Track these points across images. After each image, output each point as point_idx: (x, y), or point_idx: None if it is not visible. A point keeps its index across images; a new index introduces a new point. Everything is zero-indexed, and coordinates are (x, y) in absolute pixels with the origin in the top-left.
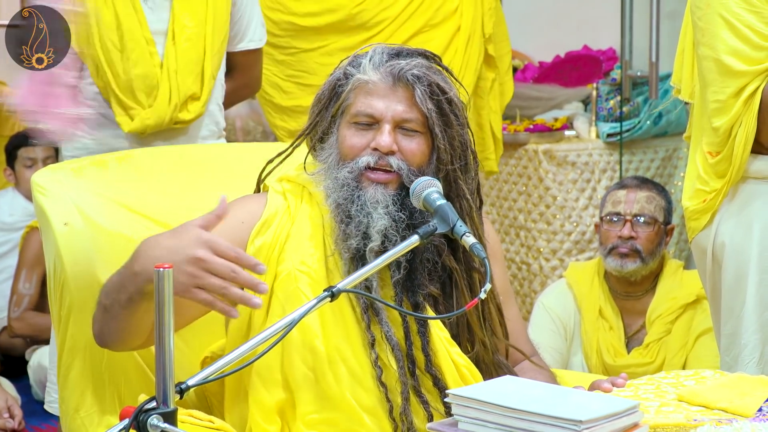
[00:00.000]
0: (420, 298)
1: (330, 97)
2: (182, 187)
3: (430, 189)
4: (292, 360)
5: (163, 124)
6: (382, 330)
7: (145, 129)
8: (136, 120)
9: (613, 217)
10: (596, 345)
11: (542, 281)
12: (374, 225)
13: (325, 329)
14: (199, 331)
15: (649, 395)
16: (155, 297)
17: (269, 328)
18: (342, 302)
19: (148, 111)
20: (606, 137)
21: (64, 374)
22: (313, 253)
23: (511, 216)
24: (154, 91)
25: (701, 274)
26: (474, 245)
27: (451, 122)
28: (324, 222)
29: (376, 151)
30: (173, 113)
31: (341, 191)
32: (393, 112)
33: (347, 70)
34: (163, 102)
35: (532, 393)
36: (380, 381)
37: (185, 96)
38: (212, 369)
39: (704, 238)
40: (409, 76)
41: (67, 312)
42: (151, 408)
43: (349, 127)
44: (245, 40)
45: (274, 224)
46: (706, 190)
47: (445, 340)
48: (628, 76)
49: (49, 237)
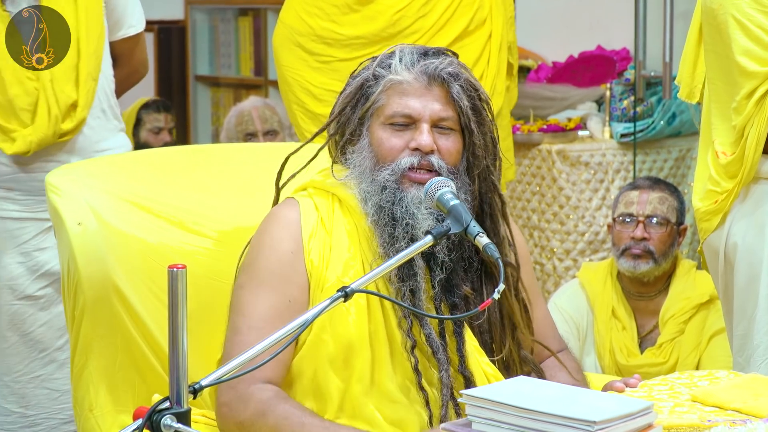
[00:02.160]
0: (457, 299)
1: (357, 99)
2: (197, 186)
3: (444, 189)
4: (327, 373)
5: (47, 140)
6: (424, 333)
7: (29, 149)
8: (18, 141)
9: (626, 218)
10: (609, 345)
11: (556, 281)
12: (420, 226)
13: (361, 345)
14: (214, 330)
15: (663, 396)
16: (168, 297)
17: (282, 329)
18: (375, 310)
19: (29, 129)
20: (619, 137)
21: (77, 373)
22: (353, 263)
23: (525, 216)
24: (33, 106)
25: (713, 276)
26: (487, 245)
27: (484, 119)
28: (359, 228)
29: (417, 151)
30: (55, 126)
31: (383, 194)
32: (431, 111)
33: (377, 72)
34: (43, 116)
35: (545, 393)
36: (420, 386)
37: (65, 106)
38: (226, 369)
39: (716, 239)
40: (444, 75)
41: (80, 312)
42: (165, 408)
43: (384, 128)
44: (124, 27)
45: (315, 240)
46: (718, 191)
47: (475, 348)
48: (642, 76)
49: (63, 237)
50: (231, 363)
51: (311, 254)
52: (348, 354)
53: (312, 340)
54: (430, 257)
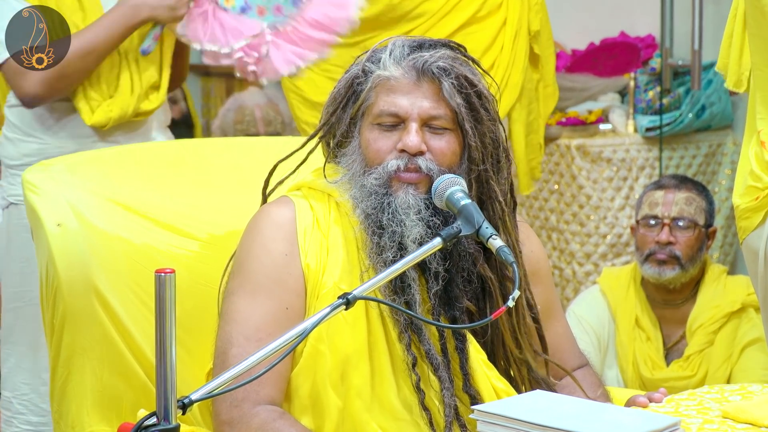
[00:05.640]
0: (457, 312)
1: (347, 97)
2: (184, 184)
3: (454, 188)
4: (325, 388)
5: (126, 116)
6: (423, 349)
7: (107, 121)
8: (97, 112)
9: (650, 221)
10: (632, 357)
11: (575, 287)
12: (409, 234)
13: (360, 358)
14: (204, 339)
15: (691, 411)
16: (156, 304)
17: (280, 338)
18: (375, 322)
19: (110, 102)
20: (644, 131)
21: (60, 388)
22: (350, 269)
23: (542, 217)
24: (116, 80)
25: (753, 278)
26: (501, 248)
27: (481, 117)
28: (356, 234)
29: (404, 153)
30: (136, 104)
31: (369, 200)
32: (419, 109)
33: (366, 67)
34: (126, 92)
35: (564, 409)
36: (423, 405)
37: (147, 85)
38: (218, 382)
39: (756, 239)
40: (434, 69)
41: (60, 320)
42: (152, 424)
43: (372, 129)
44: None
45: (310, 241)
46: (759, 186)
47: (483, 363)
48: (669, 65)
49: (41, 239)
50: (224, 375)
51: (307, 257)
52: (346, 367)
53: (309, 352)
54: (424, 268)
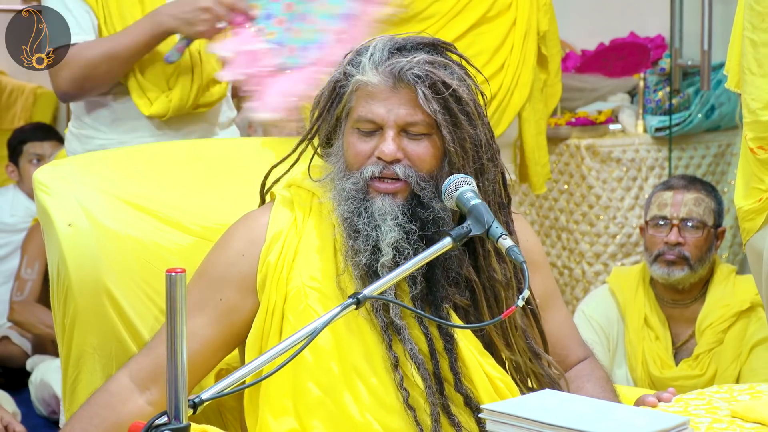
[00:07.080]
0: (444, 312)
1: (332, 99)
2: (194, 184)
3: (464, 188)
4: (303, 385)
5: (185, 108)
6: (405, 349)
7: (166, 112)
8: (156, 103)
9: (659, 221)
10: (641, 356)
11: (585, 287)
12: (384, 238)
13: (340, 348)
14: None
15: (700, 411)
16: (166, 303)
17: (286, 340)
18: (360, 320)
19: (169, 93)
20: (654, 132)
21: (70, 387)
22: (323, 268)
23: (552, 217)
24: (176, 71)
25: (756, 279)
26: (511, 248)
27: (460, 122)
28: (335, 236)
29: (381, 160)
30: (196, 96)
31: (346, 204)
32: (396, 116)
33: (347, 70)
34: (186, 84)
35: (574, 408)
36: (407, 404)
37: (208, 78)
38: (227, 382)
39: (760, 240)
40: (410, 76)
41: (71, 320)
42: (163, 423)
43: (352, 132)
44: None
45: (279, 242)
46: (761, 188)
47: (476, 351)
48: (678, 65)
49: (53, 239)
50: (233, 376)
51: (270, 255)
52: (327, 366)
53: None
54: None
